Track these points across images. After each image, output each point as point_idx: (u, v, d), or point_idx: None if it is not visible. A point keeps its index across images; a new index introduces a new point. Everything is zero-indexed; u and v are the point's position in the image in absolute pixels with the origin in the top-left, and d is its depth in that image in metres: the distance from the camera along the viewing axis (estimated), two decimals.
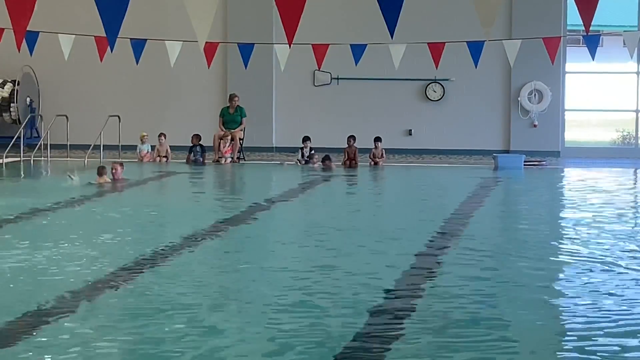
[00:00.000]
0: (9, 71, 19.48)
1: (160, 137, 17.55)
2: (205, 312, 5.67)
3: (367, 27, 16.60)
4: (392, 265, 7.14)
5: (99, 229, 9.03)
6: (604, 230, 9.23)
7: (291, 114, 19.44)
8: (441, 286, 6.48)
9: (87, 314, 5.64)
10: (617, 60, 20.37)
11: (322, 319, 5.49)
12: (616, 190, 13.45)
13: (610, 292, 6.31)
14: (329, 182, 14.47)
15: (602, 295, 6.22)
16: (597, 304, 5.91)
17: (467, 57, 14.98)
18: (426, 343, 5.04)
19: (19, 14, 6.00)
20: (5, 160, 16.56)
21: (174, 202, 12.01)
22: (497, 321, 5.50)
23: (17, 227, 9.19)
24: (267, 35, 18.12)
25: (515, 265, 7.31)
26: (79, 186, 12.80)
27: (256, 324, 5.39)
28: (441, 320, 5.47)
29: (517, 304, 5.95)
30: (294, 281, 6.61)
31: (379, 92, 19.25)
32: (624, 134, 20.98)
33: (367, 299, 5.99)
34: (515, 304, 5.95)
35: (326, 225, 9.44)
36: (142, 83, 19.73)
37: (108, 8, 5.96)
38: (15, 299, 5.97)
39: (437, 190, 13.77)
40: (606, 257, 7.58)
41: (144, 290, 6.27)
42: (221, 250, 8.18)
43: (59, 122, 17.98)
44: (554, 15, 18.42)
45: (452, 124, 19.13)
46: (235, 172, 16.32)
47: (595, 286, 6.51)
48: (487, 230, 9.53)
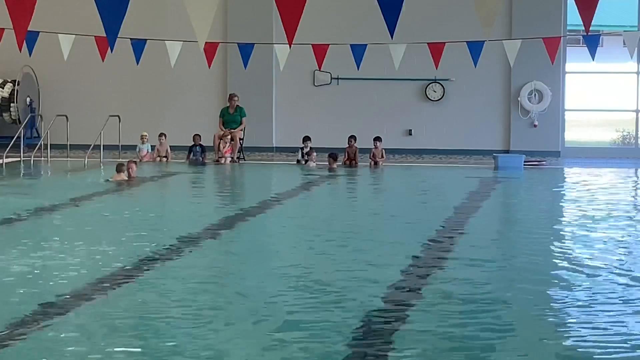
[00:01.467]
0: (9, 71, 19.48)
1: (160, 137, 17.56)
2: (206, 312, 5.67)
3: (367, 27, 16.61)
4: (392, 265, 7.14)
5: (97, 229, 9.05)
6: (604, 230, 9.23)
7: (291, 114, 19.44)
8: (441, 286, 6.48)
9: (86, 315, 5.64)
10: (617, 60, 20.38)
11: (323, 319, 5.49)
12: (616, 190, 13.45)
13: (610, 292, 6.32)
14: (329, 182, 14.47)
15: (602, 294, 6.22)
16: (597, 304, 5.92)
17: (467, 57, 14.98)
18: (427, 343, 5.04)
19: (20, 14, 6.00)
20: (5, 160, 16.56)
21: (174, 203, 12.01)
22: (497, 321, 5.51)
23: (17, 227, 9.19)
24: (267, 35, 18.13)
25: (515, 266, 7.31)
26: (98, 184, 13.40)
27: (258, 324, 5.39)
28: (441, 320, 5.47)
29: (517, 304, 5.96)
30: (294, 281, 6.62)
31: (379, 92, 19.25)
32: (624, 134, 20.99)
33: (367, 298, 5.99)
34: (515, 304, 5.96)
35: (326, 225, 9.44)
36: (142, 83, 19.74)
37: (108, 8, 5.96)
38: (15, 299, 5.98)
39: (437, 190, 13.77)
40: (606, 257, 7.59)
41: (145, 291, 6.27)
42: (222, 250, 8.18)
43: (59, 122, 17.98)
44: (554, 15, 18.43)
45: (452, 124, 19.13)
46: (235, 172, 16.32)
47: (595, 285, 6.52)
48: (487, 230, 9.52)
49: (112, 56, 12.50)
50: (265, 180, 15.23)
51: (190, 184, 14.55)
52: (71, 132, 18.09)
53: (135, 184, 13.40)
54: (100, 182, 13.48)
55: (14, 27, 6.10)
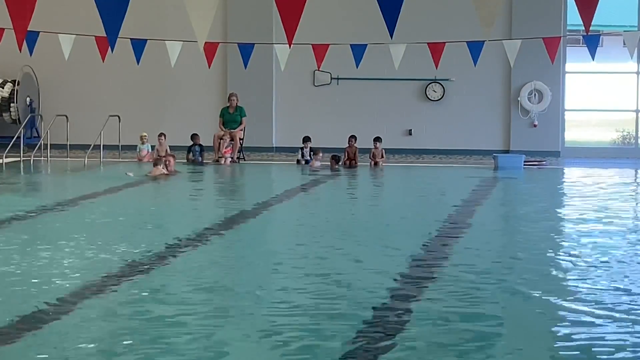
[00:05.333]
0: (9, 71, 19.49)
1: (160, 137, 17.56)
2: (207, 312, 5.67)
3: (367, 27, 16.61)
4: (392, 265, 7.14)
5: (96, 229, 9.05)
6: (604, 230, 9.23)
7: (291, 114, 19.45)
8: (441, 286, 6.48)
9: (86, 314, 5.64)
10: (617, 60, 20.38)
11: (325, 319, 5.49)
12: (616, 190, 13.44)
13: (609, 291, 6.32)
14: (329, 182, 14.47)
15: (602, 294, 6.22)
16: (597, 303, 5.92)
17: (467, 57, 15.00)
18: (427, 343, 5.04)
19: (20, 14, 6.00)
20: (5, 160, 16.56)
21: (174, 202, 12.02)
22: (497, 321, 5.52)
23: (17, 227, 9.19)
24: (267, 35, 18.14)
25: (515, 266, 7.31)
26: (135, 180, 13.85)
27: (259, 324, 5.39)
28: (441, 320, 5.48)
29: (517, 304, 5.97)
30: (294, 281, 6.62)
31: (379, 92, 19.26)
32: (624, 134, 20.98)
33: (368, 298, 6.00)
34: (515, 304, 5.97)
35: (327, 225, 9.44)
36: (142, 83, 19.75)
37: (108, 8, 5.97)
38: (15, 300, 5.98)
39: (437, 190, 13.77)
40: (606, 257, 7.59)
41: (146, 291, 6.27)
42: (222, 251, 8.17)
43: (59, 122, 17.98)
44: (554, 15, 18.43)
45: (452, 124, 19.14)
46: (235, 172, 16.31)
47: (594, 284, 6.52)
48: (487, 230, 9.51)
49: (112, 56, 12.53)
50: (266, 180, 15.23)
51: (190, 184, 14.54)
52: (71, 132, 18.10)
53: (173, 176, 14.38)
54: (99, 182, 13.32)
55: (14, 27, 6.10)
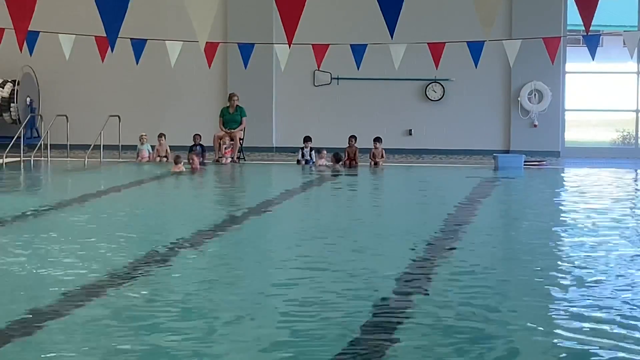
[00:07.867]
0: (9, 71, 19.48)
1: (160, 137, 17.56)
2: (208, 312, 5.67)
3: (367, 27, 16.61)
4: (392, 264, 7.14)
5: (96, 229, 9.05)
6: (605, 230, 9.23)
7: (291, 114, 19.44)
8: (441, 286, 6.49)
9: (85, 315, 5.65)
10: (617, 60, 20.38)
11: (325, 318, 5.50)
12: (616, 190, 13.46)
13: (609, 292, 6.32)
14: (329, 182, 14.48)
15: (601, 294, 6.23)
16: (596, 303, 5.92)
17: (467, 57, 14.99)
18: (427, 343, 5.05)
19: (20, 14, 6.00)
20: (5, 160, 16.56)
21: (174, 203, 12.02)
22: (497, 320, 5.52)
23: (16, 227, 9.20)
24: (267, 35, 18.13)
25: (515, 266, 7.32)
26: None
27: (259, 325, 5.39)
28: (441, 320, 5.48)
29: (517, 304, 5.97)
30: (294, 281, 6.62)
31: (379, 92, 19.25)
32: (624, 134, 20.98)
33: (368, 297, 6.00)
34: (515, 304, 5.97)
35: (327, 225, 9.44)
36: (142, 83, 19.74)
37: (108, 8, 5.97)
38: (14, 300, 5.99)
39: (437, 190, 13.77)
40: (606, 257, 7.59)
41: (146, 291, 6.27)
42: (222, 251, 8.18)
43: (59, 122, 17.98)
44: (554, 15, 18.43)
45: (452, 124, 19.14)
46: (235, 172, 16.32)
47: (594, 284, 6.52)
48: (487, 230, 9.52)
49: (112, 56, 12.52)
50: (267, 180, 15.23)
51: (190, 184, 14.55)
52: (71, 132, 18.10)
53: (199, 174, 15.00)
54: (100, 181, 13.44)
55: (14, 27, 6.10)
